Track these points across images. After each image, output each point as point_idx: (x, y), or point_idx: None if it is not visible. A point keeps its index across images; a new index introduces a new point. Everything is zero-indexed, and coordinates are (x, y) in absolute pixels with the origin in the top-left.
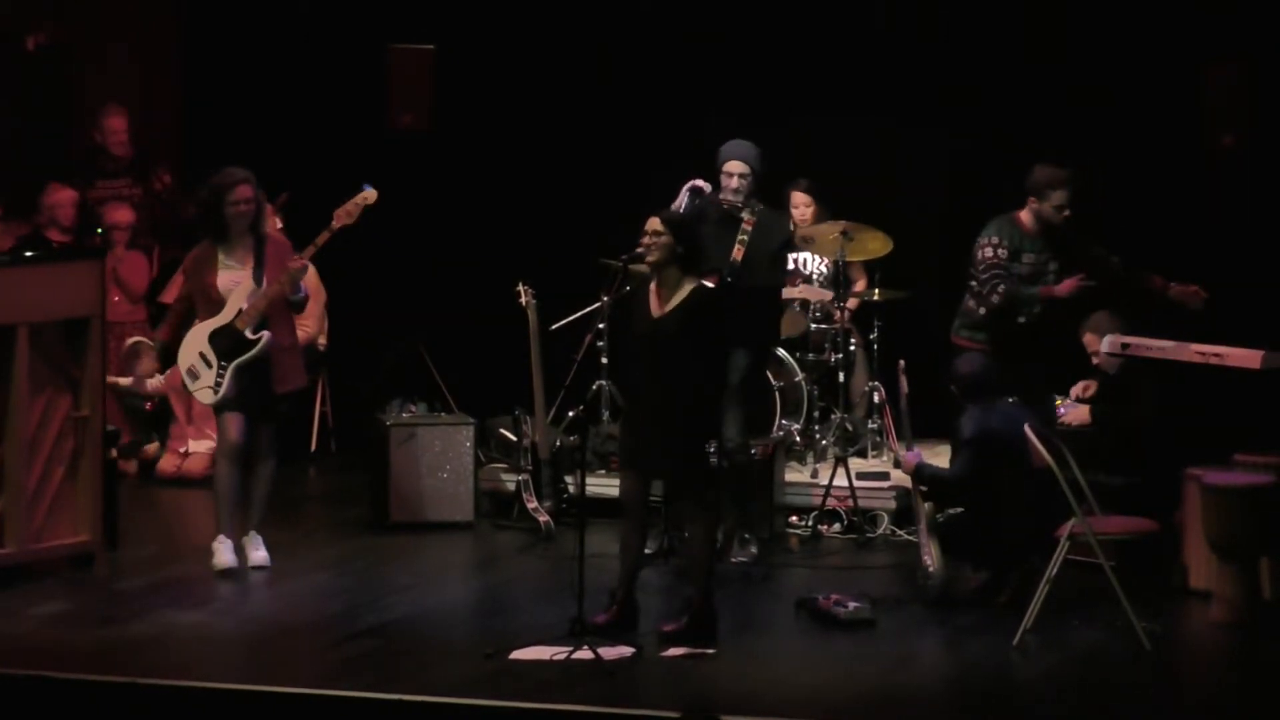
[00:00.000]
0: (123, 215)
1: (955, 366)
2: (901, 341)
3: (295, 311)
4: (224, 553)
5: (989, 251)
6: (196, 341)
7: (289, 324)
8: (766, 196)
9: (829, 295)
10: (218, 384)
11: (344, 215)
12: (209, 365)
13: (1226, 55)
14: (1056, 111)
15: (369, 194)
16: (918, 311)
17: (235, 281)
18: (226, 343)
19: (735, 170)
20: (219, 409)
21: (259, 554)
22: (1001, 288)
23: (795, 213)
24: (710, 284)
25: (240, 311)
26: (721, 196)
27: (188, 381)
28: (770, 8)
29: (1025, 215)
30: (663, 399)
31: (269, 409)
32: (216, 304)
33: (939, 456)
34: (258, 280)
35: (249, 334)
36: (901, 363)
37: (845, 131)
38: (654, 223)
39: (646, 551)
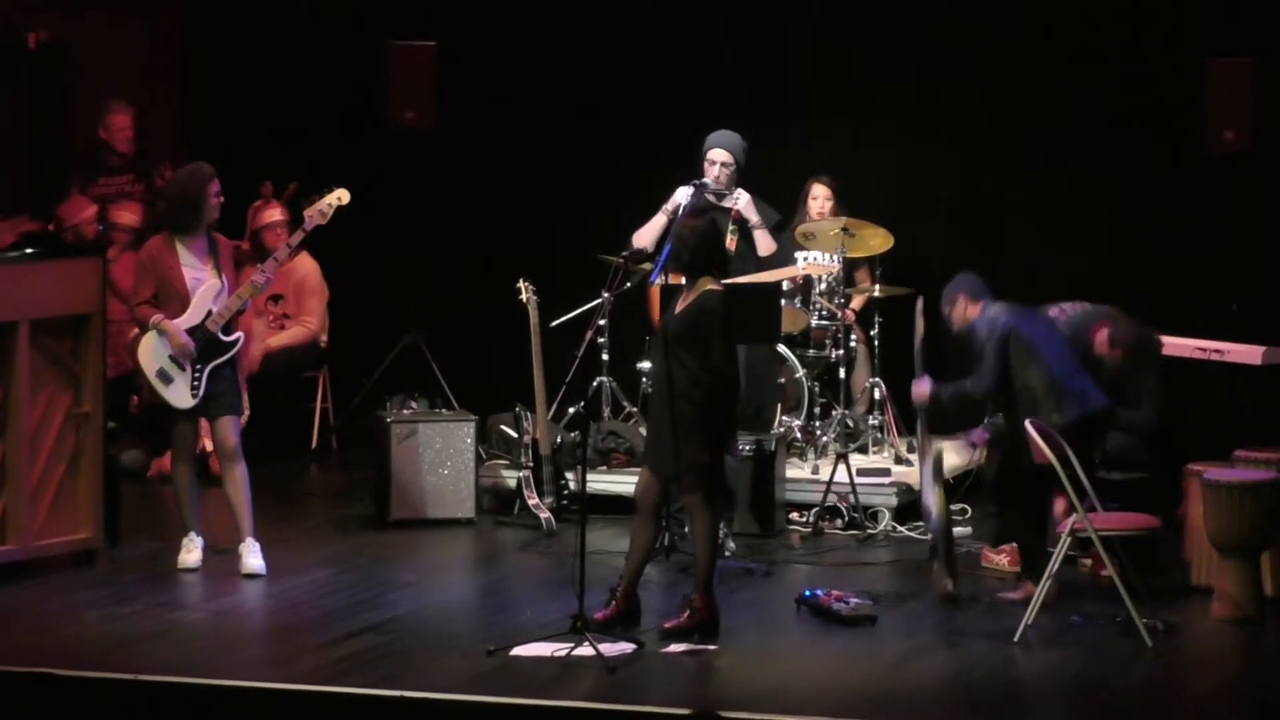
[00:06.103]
0: (130, 217)
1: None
2: (904, 338)
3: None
4: (191, 550)
5: None
6: (161, 344)
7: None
8: (784, 190)
9: (835, 267)
10: (195, 387)
11: (317, 215)
12: (181, 369)
13: (1231, 50)
14: (1058, 108)
15: (341, 193)
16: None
17: (198, 279)
18: (199, 345)
19: (718, 159)
20: (186, 414)
21: (254, 561)
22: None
23: (814, 204)
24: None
25: (210, 314)
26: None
27: (159, 386)
28: (773, 7)
29: None
30: (668, 397)
31: (236, 405)
32: (179, 299)
33: (949, 452)
34: (219, 277)
35: (223, 336)
36: (920, 302)
37: (847, 128)
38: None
39: None
